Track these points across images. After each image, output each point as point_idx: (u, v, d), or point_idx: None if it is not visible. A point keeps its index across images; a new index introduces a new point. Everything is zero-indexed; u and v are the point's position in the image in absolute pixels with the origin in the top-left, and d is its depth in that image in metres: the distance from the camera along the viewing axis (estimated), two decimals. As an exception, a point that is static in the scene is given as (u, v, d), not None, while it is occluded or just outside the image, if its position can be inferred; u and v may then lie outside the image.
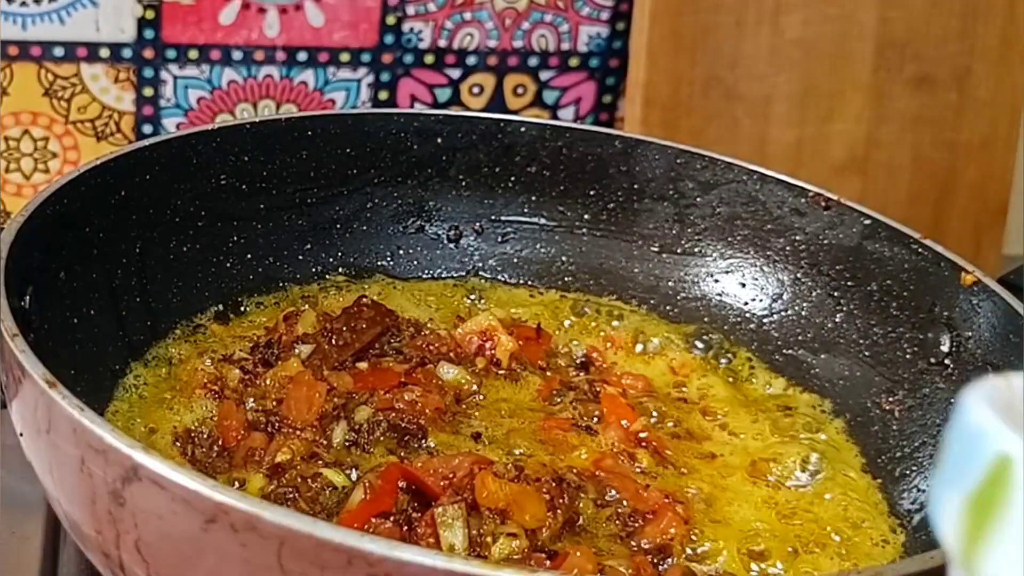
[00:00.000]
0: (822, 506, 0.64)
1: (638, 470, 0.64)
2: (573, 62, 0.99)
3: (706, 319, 0.77)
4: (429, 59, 0.97)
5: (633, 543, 0.59)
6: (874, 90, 0.98)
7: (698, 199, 0.78)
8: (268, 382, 0.67)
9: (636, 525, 0.60)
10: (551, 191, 0.80)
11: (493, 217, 0.81)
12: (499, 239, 0.81)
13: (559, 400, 0.69)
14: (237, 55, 0.94)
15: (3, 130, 0.93)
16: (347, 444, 0.63)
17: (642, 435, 0.66)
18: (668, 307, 0.78)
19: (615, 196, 0.79)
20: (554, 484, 0.59)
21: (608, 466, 0.63)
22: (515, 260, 0.80)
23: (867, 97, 0.98)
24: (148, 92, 0.94)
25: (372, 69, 0.96)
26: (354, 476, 0.61)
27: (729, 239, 0.77)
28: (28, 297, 0.61)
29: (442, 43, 0.97)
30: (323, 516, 0.58)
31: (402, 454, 0.62)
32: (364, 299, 0.73)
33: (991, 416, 0.31)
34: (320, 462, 0.62)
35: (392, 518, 0.57)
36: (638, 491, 0.62)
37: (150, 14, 0.92)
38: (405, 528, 0.57)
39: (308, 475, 0.60)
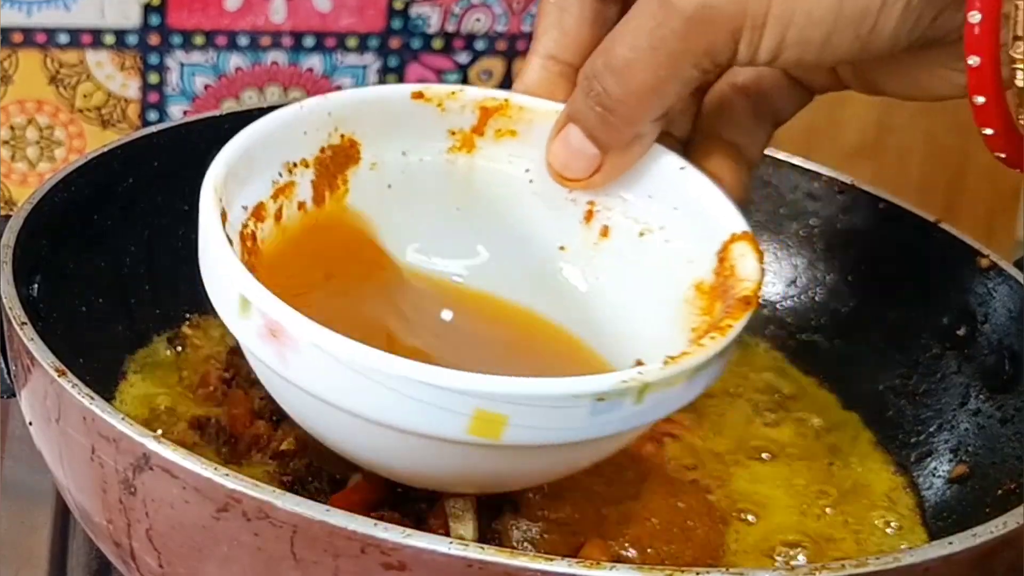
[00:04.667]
0: (838, 492, 0.64)
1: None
2: (582, 47, 0.99)
3: (718, 305, 0.76)
4: (437, 44, 0.97)
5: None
6: (885, 73, 0.97)
7: (710, 184, 0.77)
8: (277, 370, 0.66)
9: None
10: (561, 176, 0.79)
11: (503, 203, 0.80)
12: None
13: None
14: (243, 41, 0.93)
15: (8, 118, 0.92)
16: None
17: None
18: (680, 293, 0.77)
19: (626, 181, 0.79)
20: None
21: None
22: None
23: (878, 81, 0.97)
24: (154, 79, 0.93)
25: (379, 54, 0.96)
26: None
27: (742, 224, 0.77)
28: (36, 286, 0.61)
29: (450, 28, 0.96)
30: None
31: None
32: (374, 286, 0.73)
33: None
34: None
35: (401, 510, 0.57)
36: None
37: (156, 0, 0.91)
38: (415, 520, 0.57)
39: (312, 465, 0.60)
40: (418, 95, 0.56)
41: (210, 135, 0.73)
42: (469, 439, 0.44)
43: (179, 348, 0.69)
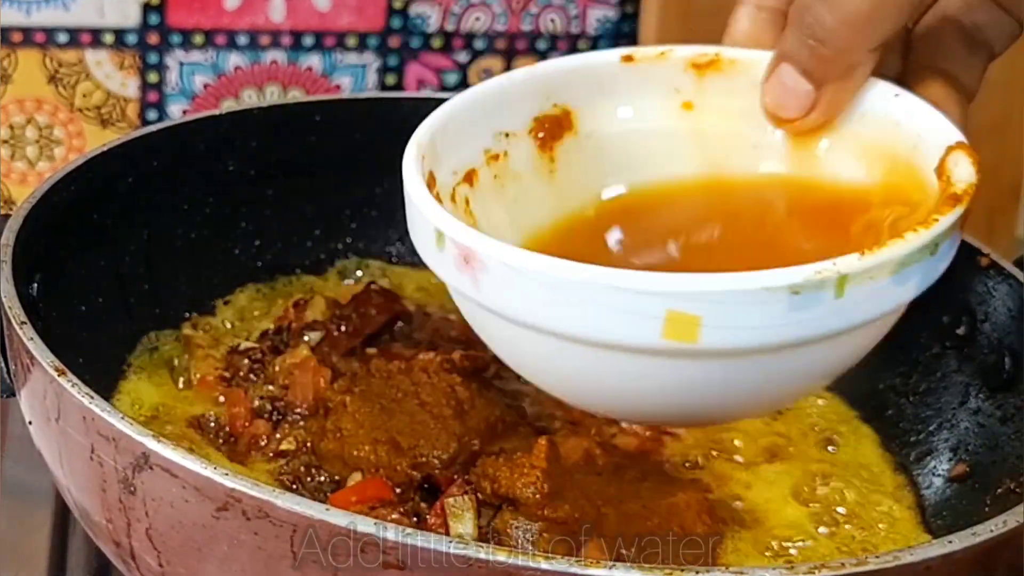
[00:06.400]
0: (838, 490, 0.64)
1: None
2: (582, 45, 0.99)
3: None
4: (436, 43, 0.97)
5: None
6: (885, 72, 0.97)
7: (709, 183, 0.77)
8: (276, 369, 0.67)
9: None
10: (561, 175, 0.79)
11: (502, 202, 0.80)
12: (508, 224, 0.80)
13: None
14: (242, 40, 0.93)
15: (7, 117, 0.92)
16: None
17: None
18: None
19: (625, 180, 0.79)
20: None
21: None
22: (525, 245, 0.80)
23: (878, 79, 0.97)
24: (153, 78, 0.93)
25: (379, 53, 0.96)
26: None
27: (741, 223, 0.77)
28: (36, 285, 0.61)
29: (449, 27, 0.96)
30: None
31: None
32: (373, 285, 0.73)
33: None
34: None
35: (400, 510, 0.57)
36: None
37: (155, -1, 0.91)
38: (414, 519, 0.57)
39: (312, 464, 0.60)
40: (628, 58, 0.56)
41: (210, 134, 0.73)
42: (665, 345, 0.43)
43: (179, 348, 0.69)
